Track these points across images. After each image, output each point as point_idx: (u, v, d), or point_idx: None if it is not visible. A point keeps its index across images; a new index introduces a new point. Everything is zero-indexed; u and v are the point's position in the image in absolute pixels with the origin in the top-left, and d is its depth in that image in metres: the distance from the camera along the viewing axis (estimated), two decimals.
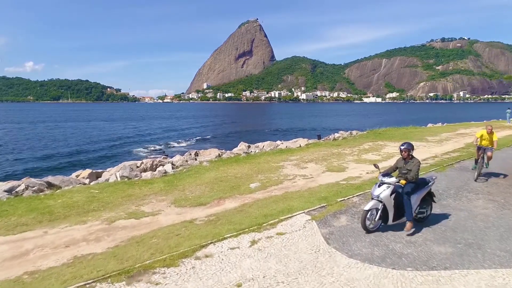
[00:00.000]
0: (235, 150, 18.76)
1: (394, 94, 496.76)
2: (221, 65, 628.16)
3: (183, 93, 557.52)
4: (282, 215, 7.81)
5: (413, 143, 19.23)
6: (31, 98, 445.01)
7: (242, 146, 19.43)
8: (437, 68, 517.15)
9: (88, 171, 13.48)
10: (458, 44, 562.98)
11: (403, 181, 6.74)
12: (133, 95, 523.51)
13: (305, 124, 75.71)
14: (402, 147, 7.19)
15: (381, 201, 6.64)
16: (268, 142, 22.11)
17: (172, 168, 14.40)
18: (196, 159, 16.27)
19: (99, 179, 13.61)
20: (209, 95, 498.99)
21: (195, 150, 18.14)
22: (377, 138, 22.34)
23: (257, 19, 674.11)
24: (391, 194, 6.67)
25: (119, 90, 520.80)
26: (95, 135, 52.25)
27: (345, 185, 10.65)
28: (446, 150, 17.22)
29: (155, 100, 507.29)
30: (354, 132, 28.16)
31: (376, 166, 7.38)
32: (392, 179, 6.77)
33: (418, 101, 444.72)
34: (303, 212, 7.96)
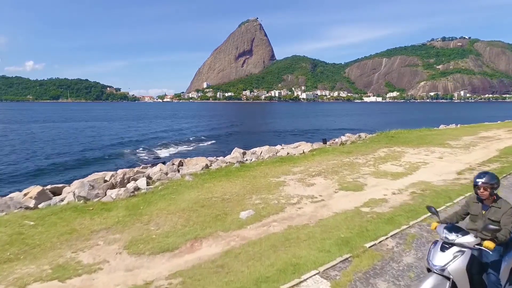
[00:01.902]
0: (228, 158, 15.93)
1: (395, 94, 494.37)
2: (221, 64, 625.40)
3: (183, 92, 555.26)
4: (284, 278, 4.98)
5: (435, 148, 16.40)
6: (31, 97, 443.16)
7: (236, 153, 16.59)
8: (437, 67, 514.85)
9: (38, 188, 10.62)
10: (458, 43, 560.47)
11: (490, 244, 3.73)
12: (133, 95, 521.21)
13: (307, 125, 72.85)
14: (481, 181, 4.09)
15: (448, 278, 3.75)
16: (267, 147, 19.29)
17: (147, 183, 11.60)
18: (178, 171, 13.44)
19: (53, 198, 10.79)
20: (209, 94, 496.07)
21: (180, 159, 15.30)
22: (391, 143, 19.51)
23: (257, 18, 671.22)
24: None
25: (119, 89, 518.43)
26: (89, 136, 49.49)
27: (369, 214, 7.81)
28: (479, 159, 14.37)
29: (155, 100, 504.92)
30: (362, 135, 25.35)
31: (432, 210, 4.40)
32: (469, 239, 3.78)
33: (418, 101, 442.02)
34: (317, 274, 5.13)
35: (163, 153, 35.92)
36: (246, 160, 15.70)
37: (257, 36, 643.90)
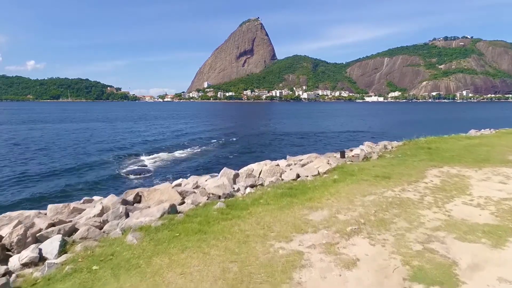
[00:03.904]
0: (211, 185, 10.87)
1: (396, 93, 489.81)
2: (222, 64, 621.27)
3: (183, 92, 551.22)
4: None
5: (506, 169, 11.20)
6: (31, 97, 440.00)
7: (223, 178, 11.48)
8: (439, 67, 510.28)
9: None
10: (461, 43, 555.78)
11: None
12: (133, 94, 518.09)
13: (312, 127, 67.73)
14: None
15: None
16: (268, 165, 14.25)
17: (62, 246, 6.66)
18: (127, 215, 8.40)
19: None
20: (209, 94, 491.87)
21: (138, 191, 10.20)
22: (436, 159, 14.45)
23: (258, 17, 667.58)
24: None
25: (119, 89, 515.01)
26: (78, 140, 44.73)
27: None
28: None
29: (156, 99, 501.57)
30: (387, 144, 20.35)
31: None
32: None
33: (420, 100, 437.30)
34: None
35: (150, 162, 31.09)
36: (238, 190, 10.66)
37: (258, 36, 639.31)
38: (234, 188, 10.82)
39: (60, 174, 24.86)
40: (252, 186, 11.64)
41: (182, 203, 9.48)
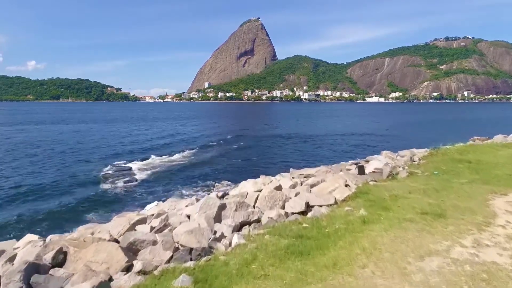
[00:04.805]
0: (181, 230, 7.31)
1: (397, 94, 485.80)
2: (223, 64, 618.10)
3: (184, 92, 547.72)
4: None
5: None
6: (31, 97, 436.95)
7: (200, 219, 7.86)
8: (440, 67, 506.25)
9: None
10: (462, 43, 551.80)
11: None
12: (134, 95, 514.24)
13: (315, 129, 64.08)
14: None
15: None
16: (266, 188, 10.68)
17: None
18: None
19: None
20: (210, 94, 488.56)
21: (62, 244, 6.44)
22: (491, 181, 10.85)
23: (259, 18, 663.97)
24: None
25: (120, 89, 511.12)
26: (68, 143, 41.52)
27: None
28: None
29: (156, 100, 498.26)
30: (411, 156, 16.81)
31: None
32: None
33: (421, 101, 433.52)
34: None
35: (140, 170, 27.68)
36: (221, 238, 7.10)
37: (258, 36, 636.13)
38: (215, 233, 7.27)
39: (29, 191, 21.13)
40: (243, 224, 8.14)
41: (129, 266, 5.95)
